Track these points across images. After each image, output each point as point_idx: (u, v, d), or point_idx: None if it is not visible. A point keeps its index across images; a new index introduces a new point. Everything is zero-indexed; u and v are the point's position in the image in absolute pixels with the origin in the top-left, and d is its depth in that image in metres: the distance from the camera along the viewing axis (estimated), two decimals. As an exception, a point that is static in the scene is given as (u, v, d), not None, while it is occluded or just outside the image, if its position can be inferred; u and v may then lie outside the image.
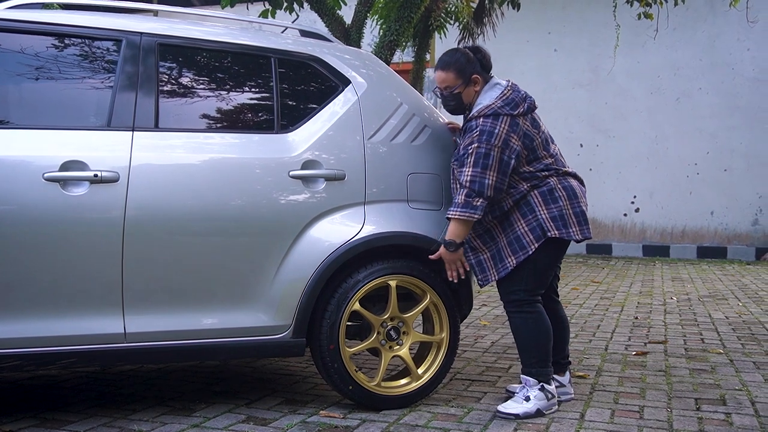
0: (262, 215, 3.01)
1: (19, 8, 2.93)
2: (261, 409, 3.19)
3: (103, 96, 2.91)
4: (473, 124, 3.13)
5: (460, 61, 3.24)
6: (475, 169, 3.05)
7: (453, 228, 3.11)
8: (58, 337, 2.73)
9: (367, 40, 8.39)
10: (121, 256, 2.79)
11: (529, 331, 3.20)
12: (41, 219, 2.69)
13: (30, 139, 2.75)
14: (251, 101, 3.22)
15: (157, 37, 3.02)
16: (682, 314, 5.91)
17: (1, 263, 2.65)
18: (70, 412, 3.09)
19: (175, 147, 2.94)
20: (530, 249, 3.10)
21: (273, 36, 3.35)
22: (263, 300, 3.01)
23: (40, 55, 2.90)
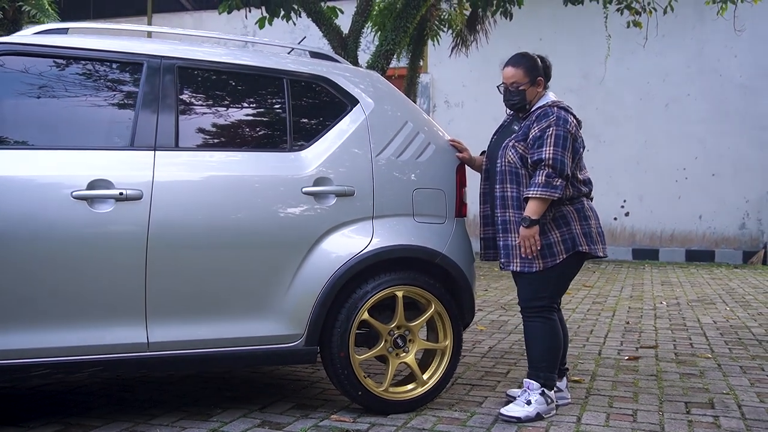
0: (276, 230, 3.17)
1: (46, 33, 3.08)
2: (274, 413, 3.35)
3: (126, 117, 3.06)
4: (549, 111, 3.34)
5: (530, 62, 3.48)
6: (556, 149, 3.23)
7: (532, 206, 3.25)
8: (86, 347, 2.88)
9: (364, 48, 8.54)
10: (145, 269, 2.94)
11: (546, 337, 3.36)
12: (70, 235, 2.84)
13: (59, 159, 2.90)
14: (265, 120, 3.39)
15: (176, 60, 3.18)
16: (672, 319, 6.11)
17: (32, 278, 2.80)
18: (92, 417, 3.23)
19: (195, 165, 3.10)
20: (558, 258, 3.29)
21: (285, 58, 3.52)
22: (278, 310, 3.17)
23: (66, 78, 3.06)
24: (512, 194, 3.37)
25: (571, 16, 12.49)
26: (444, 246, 3.48)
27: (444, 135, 3.72)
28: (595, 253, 3.37)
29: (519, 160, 3.36)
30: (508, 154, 3.39)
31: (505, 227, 3.38)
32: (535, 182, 3.26)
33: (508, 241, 3.37)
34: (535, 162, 3.28)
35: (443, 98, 13.68)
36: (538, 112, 3.39)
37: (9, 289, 2.77)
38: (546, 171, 3.23)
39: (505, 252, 3.38)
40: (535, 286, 3.35)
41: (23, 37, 3.04)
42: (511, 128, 3.54)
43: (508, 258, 3.37)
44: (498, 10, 9.80)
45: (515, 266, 3.35)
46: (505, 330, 5.57)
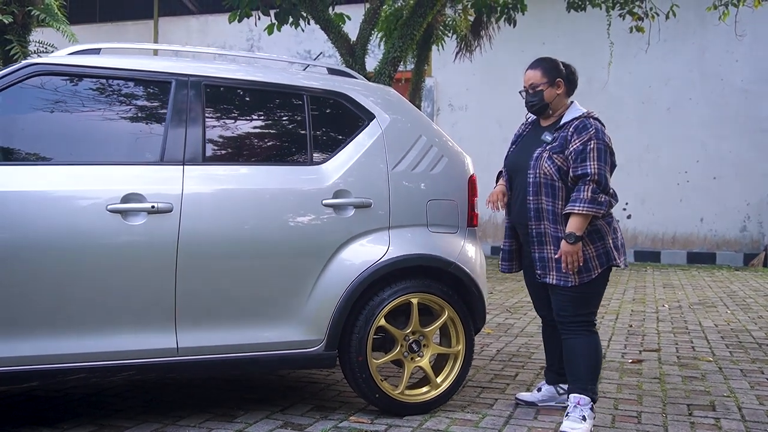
0: (298, 240, 3.32)
1: (79, 54, 3.24)
2: (295, 415, 3.50)
3: (156, 133, 3.22)
4: (587, 123, 3.32)
5: (548, 64, 3.49)
6: (600, 164, 3.23)
7: (576, 222, 3.22)
8: (120, 352, 3.04)
9: (369, 53, 8.68)
10: (175, 278, 3.10)
11: (593, 351, 3.38)
12: (106, 246, 3.00)
13: (94, 174, 3.05)
14: (287, 135, 3.55)
15: (203, 78, 3.34)
16: (674, 322, 6.26)
17: (70, 287, 2.95)
18: (122, 418, 3.39)
19: (221, 179, 3.25)
20: (594, 273, 3.30)
21: (305, 75, 3.67)
22: (299, 316, 3.33)
23: (99, 97, 3.22)
24: (547, 207, 3.34)
25: (574, 21, 12.65)
26: (457, 255, 3.63)
27: (457, 148, 3.85)
28: (623, 265, 3.41)
29: (556, 172, 3.32)
30: (544, 166, 3.34)
31: (541, 239, 3.37)
32: (580, 198, 3.21)
33: (544, 253, 3.36)
34: (579, 176, 3.25)
35: (447, 101, 13.83)
36: (575, 123, 3.35)
37: (49, 298, 2.93)
38: (591, 186, 3.20)
39: (541, 264, 3.37)
40: (575, 302, 3.34)
41: (58, 57, 3.19)
42: (541, 138, 3.45)
43: (544, 270, 3.37)
44: (502, 16, 9.96)
45: (551, 279, 3.34)
46: (511, 333, 5.73)
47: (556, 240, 3.33)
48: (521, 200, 3.46)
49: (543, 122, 3.54)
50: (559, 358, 3.61)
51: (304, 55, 14.57)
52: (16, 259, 2.88)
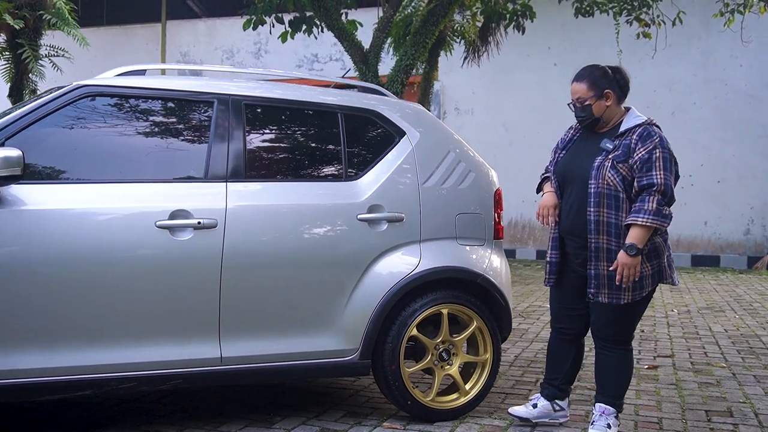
0: (334, 253, 3.46)
1: (126, 75, 3.38)
2: (330, 420, 3.64)
3: (200, 151, 3.36)
4: (651, 130, 3.22)
5: (594, 75, 3.35)
6: (666, 173, 3.13)
7: (639, 234, 3.11)
8: (168, 362, 3.18)
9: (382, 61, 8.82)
10: (219, 291, 3.24)
11: (627, 369, 3.39)
12: (154, 261, 3.14)
13: (143, 192, 3.19)
14: (323, 152, 3.68)
15: (243, 98, 3.48)
16: (684, 327, 6.41)
17: (122, 299, 3.09)
18: (165, 423, 3.53)
19: (262, 195, 3.39)
20: (645, 291, 3.24)
21: (339, 93, 3.81)
22: (336, 327, 3.47)
23: (145, 116, 3.36)
24: (609, 219, 3.22)
25: (580, 26, 12.79)
26: (484, 267, 3.77)
27: (482, 162, 3.99)
28: (673, 282, 3.34)
29: (620, 183, 3.19)
30: (608, 176, 3.20)
31: (598, 254, 3.25)
32: (644, 209, 3.10)
33: (600, 269, 3.25)
34: (644, 186, 3.14)
35: (453, 105, 13.96)
36: (639, 130, 3.23)
37: (102, 310, 3.07)
38: (657, 198, 3.10)
39: (596, 282, 3.26)
40: (620, 321, 3.31)
41: (106, 79, 3.33)
42: (600, 146, 3.31)
43: (597, 288, 3.27)
44: (511, 23, 10.11)
45: (603, 297, 3.25)
46: (527, 338, 5.87)
47: (615, 255, 3.20)
48: (576, 211, 3.33)
49: (600, 130, 3.40)
50: (565, 374, 3.58)
51: (311, 59, 14.71)
52: (72, 274, 3.02)
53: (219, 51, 15.47)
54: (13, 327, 2.94)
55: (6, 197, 2.95)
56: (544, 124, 13.20)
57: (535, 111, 13.28)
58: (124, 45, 16.06)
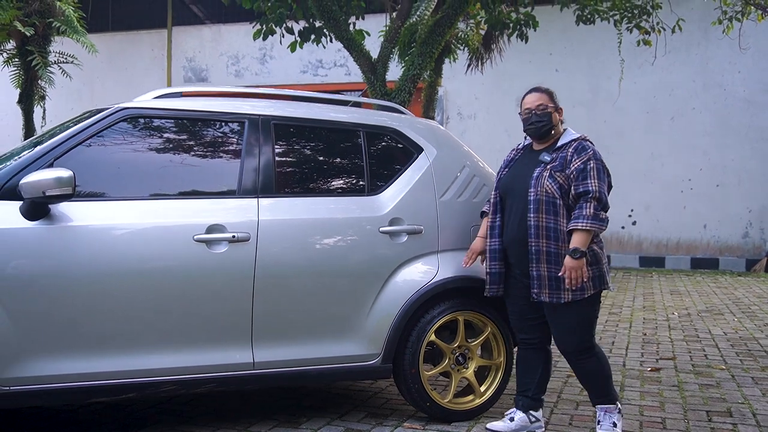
0: (358, 264, 3.69)
1: (163, 98, 3.60)
2: (352, 421, 3.87)
3: (233, 168, 3.58)
4: (585, 144, 3.53)
5: (551, 91, 3.72)
6: (601, 183, 3.43)
7: (580, 238, 3.37)
8: (204, 366, 3.40)
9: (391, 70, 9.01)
10: (252, 300, 3.46)
11: (602, 369, 3.56)
12: (192, 272, 3.36)
13: (181, 207, 3.41)
14: (346, 168, 3.90)
15: (272, 117, 3.71)
16: (685, 330, 6.63)
17: (161, 308, 3.31)
18: (198, 424, 3.75)
19: (291, 209, 3.62)
20: (587, 293, 3.45)
21: (360, 112, 4.04)
22: (359, 333, 3.69)
23: (181, 136, 3.58)
24: (548, 224, 3.46)
25: (581, 32, 13.00)
26: (497, 275, 3.99)
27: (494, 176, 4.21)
28: (609, 289, 3.70)
29: (558, 190, 3.46)
30: (546, 184, 3.47)
31: (539, 257, 3.48)
32: (583, 214, 3.37)
33: (541, 270, 3.48)
34: (580, 194, 3.41)
35: (456, 110, 14.18)
36: (574, 144, 3.54)
37: (143, 319, 3.29)
38: (593, 204, 3.38)
39: (538, 282, 3.49)
40: (576, 329, 3.50)
41: (145, 101, 3.56)
42: (539, 159, 3.59)
43: (540, 288, 3.49)
44: (514, 32, 10.33)
45: (545, 296, 3.48)
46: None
47: (554, 257, 3.45)
48: (518, 221, 3.55)
49: (537, 146, 3.68)
50: (537, 384, 3.71)
51: (315, 65, 14.93)
52: (116, 285, 3.24)
53: (224, 57, 15.69)
54: (63, 335, 3.16)
55: (56, 214, 3.17)
56: (545, 129, 13.43)
57: (536, 116, 13.49)
58: (130, 51, 16.28)
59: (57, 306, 3.15)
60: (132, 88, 16.06)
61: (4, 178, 3.16)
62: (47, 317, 3.13)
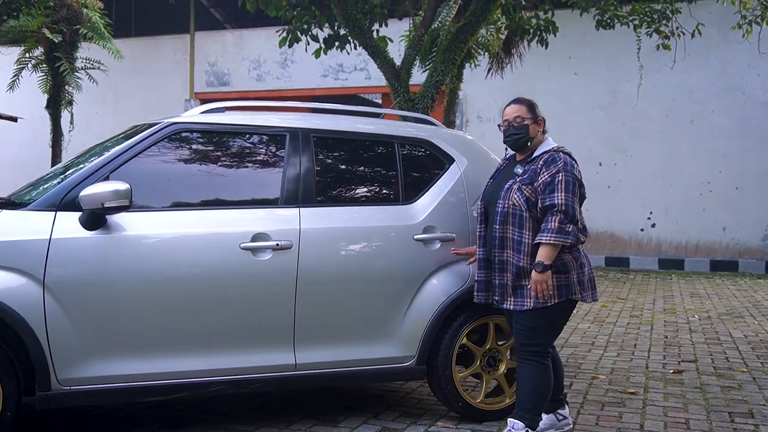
0: (394, 270, 3.86)
1: (208, 113, 3.80)
2: (387, 420, 4.04)
3: (276, 179, 3.77)
4: (557, 156, 3.51)
5: (530, 102, 3.70)
6: (567, 195, 3.39)
7: (545, 251, 3.37)
8: (249, 368, 3.59)
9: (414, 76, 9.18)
10: (294, 305, 3.64)
11: (539, 380, 3.51)
12: (238, 279, 3.55)
13: (227, 217, 3.61)
14: (382, 178, 4.09)
15: (311, 130, 3.89)
16: (706, 333, 6.76)
17: (210, 313, 3.51)
18: (242, 423, 3.94)
19: (330, 218, 3.80)
20: (549, 302, 3.43)
21: (395, 124, 4.22)
22: (395, 336, 3.87)
23: (227, 149, 3.78)
24: (513, 236, 3.49)
25: (600, 36, 13.06)
26: (526, 281, 4.15)
27: None
28: (583, 300, 3.54)
29: (524, 203, 3.47)
30: (513, 197, 3.50)
31: (502, 267, 3.54)
32: (547, 228, 3.37)
33: (504, 280, 3.55)
34: (547, 207, 3.41)
35: (476, 113, 14.33)
36: (545, 156, 3.52)
37: (193, 322, 3.48)
38: (559, 217, 3.36)
39: (500, 291, 3.57)
40: (531, 330, 3.50)
41: (192, 116, 3.76)
42: (512, 171, 3.64)
43: (502, 296, 3.57)
44: (534, 37, 10.47)
45: (508, 304, 3.53)
46: (557, 344, 6.19)
47: (516, 269, 3.48)
48: (491, 230, 3.60)
49: (519, 157, 3.69)
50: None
51: (336, 69, 15.12)
52: (167, 291, 3.44)
53: (246, 61, 15.92)
54: (120, 337, 3.37)
55: (112, 224, 3.37)
56: (564, 132, 13.51)
57: (555, 119, 13.53)
58: (154, 55, 16.55)
59: (113, 311, 3.35)
60: (155, 93, 16.36)
61: (64, 190, 3.37)
62: (105, 321, 3.34)
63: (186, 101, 16.14)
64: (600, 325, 7.16)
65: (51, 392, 3.25)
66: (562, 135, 13.30)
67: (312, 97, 15.47)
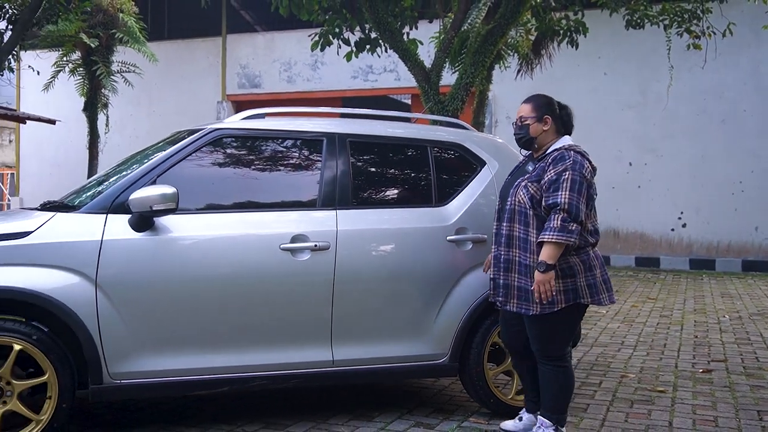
0: (428, 271, 3.99)
1: (249, 119, 3.96)
2: (421, 416, 4.17)
3: (313, 182, 3.92)
4: (566, 154, 3.47)
5: (539, 100, 3.67)
6: (572, 194, 3.34)
7: (547, 250, 3.32)
8: (289, 364, 3.74)
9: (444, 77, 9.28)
10: (331, 303, 3.79)
11: (558, 384, 3.55)
12: (278, 278, 3.70)
13: (268, 219, 3.76)
14: (416, 181, 4.21)
15: (347, 135, 4.03)
16: (736, 333, 6.78)
17: (251, 311, 3.66)
18: (283, 417, 4.09)
19: (366, 220, 3.93)
20: (556, 307, 3.42)
21: (428, 128, 4.35)
22: (429, 334, 3.99)
23: (267, 153, 3.94)
24: (519, 234, 3.50)
25: (630, 35, 13.04)
26: (556, 281, 4.25)
27: None
28: (598, 303, 3.49)
29: (529, 201, 3.47)
30: (519, 194, 3.52)
31: (508, 266, 3.54)
32: (550, 226, 3.33)
33: (508, 280, 3.54)
34: (550, 205, 3.38)
35: (504, 114, 14.38)
36: (554, 154, 3.50)
37: (235, 320, 3.64)
38: (561, 215, 3.31)
39: (504, 291, 3.55)
40: (541, 337, 3.51)
41: (234, 123, 3.92)
42: (524, 168, 3.68)
43: (506, 297, 3.55)
44: (564, 38, 10.52)
45: (512, 306, 3.52)
46: (587, 343, 6.31)
47: (524, 268, 3.47)
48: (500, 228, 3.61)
49: (535, 155, 3.70)
50: (533, 387, 3.75)
51: (366, 70, 15.25)
52: (211, 289, 3.60)
53: (277, 63, 16.14)
54: (166, 334, 3.54)
55: (159, 226, 3.55)
56: (593, 133, 13.54)
57: (585, 119, 13.57)
58: (187, 58, 16.84)
59: (160, 308, 3.52)
60: (188, 95, 16.65)
61: (114, 194, 3.55)
62: (152, 318, 3.51)
63: (218, 103, 16.42)
64: (630, 324, 7.21)
65: (103, 385, 3.44)
66: (592, 135, 13.40)
67: (342, 99, 15.65)
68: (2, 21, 11.39)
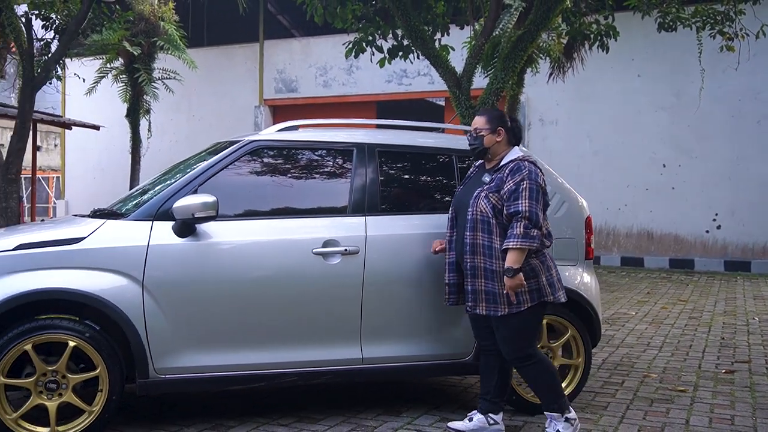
0: (452, 273, 4.19)
1: (284, 131, 4.22)
2: (447, 411, 4.38)
3: (344, 189, 4.16)
4: (521, 165, 3.71)
5: (493, 113, 3.92)
6: (531, 202, 3.60)
7: (512, 256, 3.57)
8: (319, 361, 3.99)
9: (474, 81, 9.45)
10: (361, 304, 4.02)
11: (543, 375, 3.75)
12: (311, 280, 3.95)
13: (301, 225, 4.02)
14: (440, 188, 4.43)
15: (376, 145, 4.27)
16: (764, 335, 6.85)
17: (284, 312, 3.92)
18: (315, 411, 4.34)
19: (394, 225, 4.16)
20: (522, 306, 3.66)
21: (452, 138, 4.56)
22: (454, 333, 4.21)
23: (300, 163, 4.19)
24: (483, 242, 3.69)
25: (663, 37, 13.03)
26: (576, 283, 4.43)
27: (575, 194, 4.64)
28: (557, 300, 3.76)
29: (491, 210, 3.68)
30: (480, 204, 3.71)
31: (474, 273, 3.72)
32: (513, 234, 3.58)
33: (476, 285, 3.72)
34: (512, 214, 3.61)
35: (538, 116, 14.47)
36: (511, 165, 3.73)
37: (269, 320, 3.90)
38: (523, 223, 3.57)
39: (473, 296, 3.75)
40: (509, 339, 3.71)
41: (269, 134, 4.18)
42: (480, 179, 3.85)
43: (475, 302, 3.74)
44: (595, 42, 10.61)
45: (481, 309, 3.72)
46: (612, 344, 6.45)
47: (490, 273, 3.67)
48: (463, 237, 3.79)
49: (487, 165, 3.90)
50: (494, 388, 3.91)
51: (400, 74, 15.47)
52: (248, 291, 3.86)
53: (313, 68, 16.46)
54: (206, 332, 3.81)
55: (200, 232, 3.82)
56: (627, 135, 13.60)
57: (618, 121, 13.68)
58: (225, 64, 17.26)
59: (201, 308, 3.80)
60: (227, 100, 17.07)
61: (159, 202, 3.83)
62: (194, 318, 3.78)
63: (255, 108, 16.80)
64: (657, 326, 7.32)
65: (149, 380, 3.72)
66: (626, 137, 13.47)
67: (376, 102, 15.90)
68: (50, 31, 11.85)
